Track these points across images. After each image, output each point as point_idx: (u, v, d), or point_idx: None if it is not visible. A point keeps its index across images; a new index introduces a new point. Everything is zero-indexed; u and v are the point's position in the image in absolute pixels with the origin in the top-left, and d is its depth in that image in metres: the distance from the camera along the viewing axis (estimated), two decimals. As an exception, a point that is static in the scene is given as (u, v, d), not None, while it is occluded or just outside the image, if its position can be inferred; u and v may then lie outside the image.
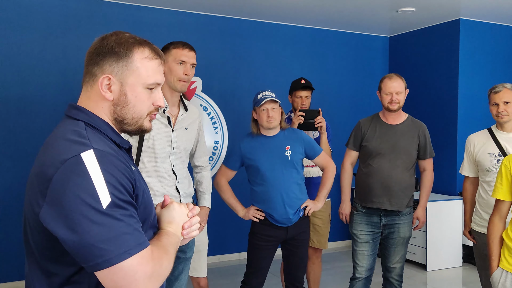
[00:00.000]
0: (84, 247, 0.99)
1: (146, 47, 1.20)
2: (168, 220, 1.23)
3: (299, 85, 3.45)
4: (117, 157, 1.10)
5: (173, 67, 2.33)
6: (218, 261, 5.10)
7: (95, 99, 1.18)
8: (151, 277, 1.04)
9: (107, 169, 1.04)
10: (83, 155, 1.03)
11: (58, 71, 4.37)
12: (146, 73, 1.19)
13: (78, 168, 1.02)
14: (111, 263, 0.99)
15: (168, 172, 2.36)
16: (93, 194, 1.00)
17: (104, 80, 1.16)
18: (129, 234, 1.02)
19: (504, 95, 2.82)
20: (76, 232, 0.98)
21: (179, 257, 2.46)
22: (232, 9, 4.85)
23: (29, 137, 4.25)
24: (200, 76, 4.86)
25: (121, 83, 1.17)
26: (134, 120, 1.20)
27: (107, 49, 1.16)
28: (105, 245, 0.99)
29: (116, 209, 1.02)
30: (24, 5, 4.24)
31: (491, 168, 2.86)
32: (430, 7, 4.73)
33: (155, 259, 1.06)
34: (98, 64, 1.16)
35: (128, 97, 1.18)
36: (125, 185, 1.07)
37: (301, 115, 3.25)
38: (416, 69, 5.65)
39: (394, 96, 2.97)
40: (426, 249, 4.79)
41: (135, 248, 1.02)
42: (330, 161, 2.97)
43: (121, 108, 1.18)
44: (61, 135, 1.11)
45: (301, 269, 2.94)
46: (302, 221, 2.89)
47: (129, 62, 1.17)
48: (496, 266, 2.23)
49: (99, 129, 1.15)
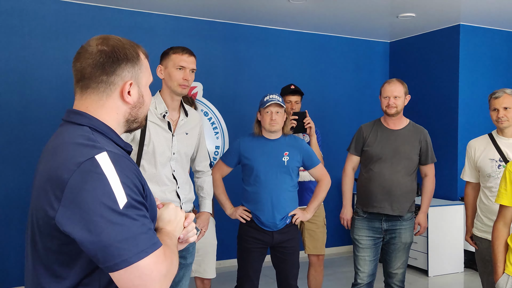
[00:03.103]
0: (102, 248, 1.00)
1: (141, 48, 1.25)
2: (168, 218, 1.23)
3: (289, 90, 3.52)
4: (128, 159, 1.13)
5: (172, 73, 2.34)
6: (218, 267, 5.07)
7: (112, 106, 1.19)
8: (166, 276, 1.06)
9: (122, 170, 1.06)
10: (98, 157, 1.05)
11: (59, 78, 4.37)
12: (149, 72, 1.26)
13: (95, 170, 1.03)
14: (129, 262, 1.00)
15: (168, 177, 2.36)
16: (110, 195, 1.01)
17: (127, 86, 1.18)
18: (144, 234, 1.03)
19: (504, 100, 2.82)
20: (94, 233, 1.00)
21: (180, 263, 2.44)
22: (232, 14, 4.86)
23: (30, 142, 4.24)
24: (201, 81, 4.87)
25: (138, 85, 1.22)
26: (143, 118, 1.26)
27: (121, 56, 1.17)
28: (123, 245, 1.00)
29: (132, 209, 1.04)
30: (25, 10, 4.25)
31: (492, 173, 2.85)
32: (430, 12, 4.74)
33: (168, 258, 1.08)
34: (115, 72, 1.17)
35: (144, 97, 1.24)
36: (138, 186, 1.09)
37: (294, 118, 3.28)
38: (417, 74, 5.65)
39: (391, 100, 2.97)
40: (427, 254, 4.77)
41: (151, 247, 1.03)
42: (326, 174, 3.00)
43: (137, 109, 1.23)
44: (68, 140, 1.11)
45: (293, 277, 2.93)
46: (289, 228, 2.88)
47: (140, 65, 1.22)
48: (501, 272, 2.21)
49: (103, 133, 1.16)
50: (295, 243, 2.92)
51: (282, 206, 2.82)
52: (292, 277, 2.92)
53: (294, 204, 2.91)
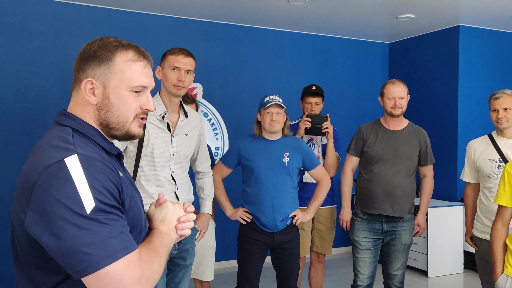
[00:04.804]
0: (69, 253, 0.97)
1: (130, 50, 1.18)
2: (161, 218, 1.21)
3: (309, 91, 3.49)
4: (102, 162, 1.09)
5: (167, 73, 2.35)
6: (219, 268, 5.08)
7: (81, 104, 1.18)
8: (140, 282, 1.01)
9: (91, 174, 1.03)
10: (67, 160, 1.02)
11: (59, 78, 4.38)
12: (130, 75, 1.17)
13: (61, 173, 1.00)
14: (96, 267, 0.97)
15: (167, 178, 2.36)
16: (76, 199, 0.98)
17: (87, 84, 1.15)
18: (114, 238, 1.00)
19: (504, 101, 2.82)
20: (60, 237, 0.97)
21: (179, 264, 2.44)
22: (232, 15, 4.86)
23: (29, 143, 4.24)
24: (200, 82, 4.87)
25: (104, 86, 1.16)
26: (119, 125, 1.19)
27: (90, 54, 1.16)
28: (89, 250, 0.97)
29: (101, 213, 1.00)
30: (25, 11, 4.26)
31: (492, 174, 2.85)
32: (429, 13, 4.75)
33: (144, 262, 1.04)
34: (82, 69, 1.17)
35: (111, 101, 1.16)
36: (110, 190, 1.05)
37: (308, 120, 3.28)
38: (416, 75, 5.66)
39: (398, 101, 2.98)
40: (427, 255, 4.77)
41: (121, 251, 1.00)
42: (326, 175, 3.00)
43: (105, 112, 1.17)
44: (46, 142, 1.10)
45: (293, 278, 2.93)
46: (290, 229, 2.89)
47: (111, 65, 1.16)
48: (500, 272, 2.22)
49: (86, 135, 1.15)
50: (295, 244, 2.92)
51: (282, 207, 2.82)
52: (292, 278, 2.92)
53: (295, 205, 2.91)
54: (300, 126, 3.30)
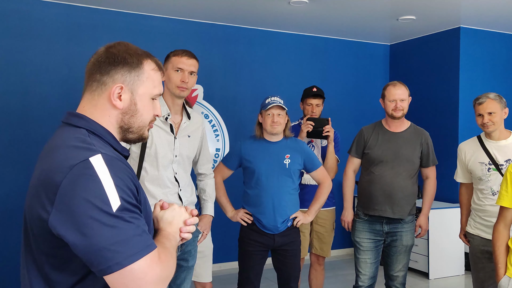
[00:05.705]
0: (95, 251, 0.99)
1: (151, 59, 1.24)
2: (170, 220, 1.23)
3: (310, 93, 3.48)
4: (122, 161, 1.12)
5: (171, 74, 2.36)
6: (219, 269, 5.07)
7: (103, 108, 1.19)
8: (160, 279, 1.05)
9: (116, 173, 1.05)
10: (92, 159, 1.04)
11: (61, 80, 4.38)
12: (153, 84, 1.23)
13: (88, 172, 1.02)
14: (122, 265, 0.99)
15: (170, 180, 2.36)
16: (103, 198, 1.01)
17: (117, 89, 1.17)
18: (138, 236, 1.03)
19: (488, 105, 2.83)
20: (87, 235, 0.99)
21: (181, 266, 2.44)
22: (233, 17, 4.87)
23: (32, 145, 4.24)
24: (201, 84, 4.87)
25: (132, 92, 1.20)
26: (139, 129, 1.24)
27: (119, 59, 1.18)
28: (116, 248, 0.99)
29: (126, 212, 1.03)
30: (27, 14, 4.26)
31: (483, 177, 2.87)
32: (430, 15, 4.75)
33: (163, 261, 1.07)
34: (109, 73, 1.18)
35: (138, 106, 1.21)
36: (132, 189, 1.08)
37: (311, 124, 3.28)
38: (417, 77, 5.66)
39: (399, 103, 2.98)
40: (428, 257, 4.76)
41: (145, 250, 1.03)
42: (328, 177, 3.00)
43: (129, 117, 1.21)
44: (63, 142, 1.11)
45: (294, 280, 2.93)
46: (291, 231, 2.88)
47: (140, 73, 1.20)
48: (503, 274, 2.22)
49: (100, 136, 1.16)
50: (296, 246, 2.92)
51: (283, 209, 2.82)
52: (293, 280, 2.92)
53: (296, 207, 2.91)
54: (302, 129, 3.30)
